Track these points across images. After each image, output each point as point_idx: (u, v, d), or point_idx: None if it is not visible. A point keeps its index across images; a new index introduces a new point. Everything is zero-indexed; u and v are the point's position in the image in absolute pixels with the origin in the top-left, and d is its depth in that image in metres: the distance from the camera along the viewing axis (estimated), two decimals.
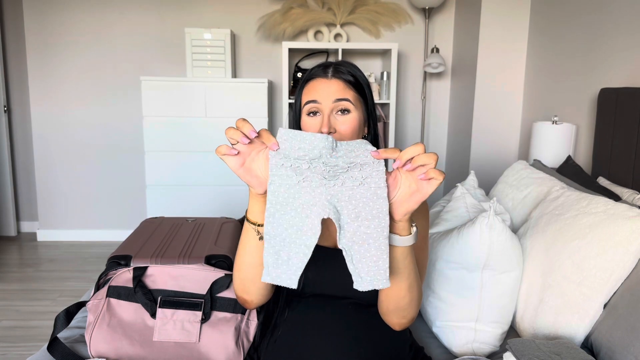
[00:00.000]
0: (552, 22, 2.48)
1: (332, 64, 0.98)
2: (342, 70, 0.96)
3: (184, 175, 3.04)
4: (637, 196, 1.38)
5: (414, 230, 0.80)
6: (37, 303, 2.53)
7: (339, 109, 0.94)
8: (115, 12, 3.30)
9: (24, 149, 3.61)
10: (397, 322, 0.92)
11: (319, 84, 0.95)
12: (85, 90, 3.38)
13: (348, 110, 0.94)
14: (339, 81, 0.95)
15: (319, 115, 0.94)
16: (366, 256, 0.74)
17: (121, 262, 1.41)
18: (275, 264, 0.75)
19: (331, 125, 0.93)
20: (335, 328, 0.96)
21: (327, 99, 0.93)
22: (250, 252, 0.88)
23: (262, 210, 0.83)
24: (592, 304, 1.13)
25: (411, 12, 3.33)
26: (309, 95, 0.95)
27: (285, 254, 0.75)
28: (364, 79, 0.99)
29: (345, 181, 0.75)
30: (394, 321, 0.93)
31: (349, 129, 0.94)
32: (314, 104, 0.94)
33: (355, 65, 1.01)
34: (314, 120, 0.95)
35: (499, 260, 1.23)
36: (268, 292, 0.95)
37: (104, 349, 1.11)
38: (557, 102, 2.41)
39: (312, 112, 0.95)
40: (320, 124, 0.93)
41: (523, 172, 1.68)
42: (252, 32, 3.33)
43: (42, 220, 3.53)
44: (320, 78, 0.96)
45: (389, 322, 0.94)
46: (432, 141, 3.51)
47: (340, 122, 0.94)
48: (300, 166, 0.75)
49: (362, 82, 0.98)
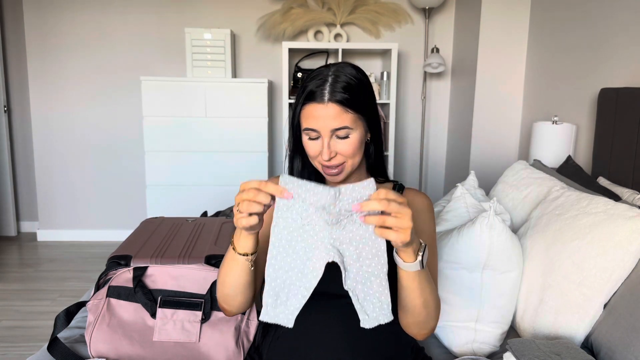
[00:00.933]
0: (552, 22, 2.48)
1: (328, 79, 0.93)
2: (337, 89, 0.92)
3: (184, 175, 3.04)
4: (637, 196, 1.38)
5: (419, 259, 0.80)
6: (37, 303, 2.53)
7: (338, 136, 0.94)
8: (116, 13, 3.30)
9: (24, 149, 3.61)
10: (417, 332, 0.94)
11: (315, 110, 0.93)
12: (86, 90, 3.38)
13: (347, 136, 0.94)
14: (335, 106, 0.92)
15: (319, 140, 0.95)
16: (369, 294, 0.78)
17: (121, 262, 1.41)
18: (274, 304, 0.78)
19: (331, 151, 0.94)
20: (337, 327, 0.96)
21: (325, 127, 0.93)
22: (234, 275, 0.90)
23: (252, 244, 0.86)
24: (592, 304, 1.13)
25: (411, 12, 3.33)
26: (307, 122, 0.94)
27: (285, 295, 0.78)
28: (362, 87, 0.96)
29: (347, 225, 0.77)
30: (414, 332, 0.94)
31: (349, 150, 0.95)
32: (312, 131, 0.94)
33: (354, 68, 0.97)
34: (315, 144, 0.96)
35: (499, 260, 1.23)
36: (248, 306, 0.97)
37: (104, 349, 1.11)
38: (557, 102, 2.41)
39: (312, 138, 0.96)
40: (321, 149, 0.94)
41: (523, 172, 1.68)
42: (252, 32, 3.33)
43: (42, 220, 3.53)
44: (316, 104, 0.93)
45: (410, 334, 0.96)
46: (432, 141, 3.51)
47: (341, 145, 0.95)
48: (308, 209, 0.76)
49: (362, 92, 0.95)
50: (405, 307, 0.88)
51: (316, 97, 0.93)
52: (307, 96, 0.95)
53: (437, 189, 3.55)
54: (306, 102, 0.95)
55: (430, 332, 0.95)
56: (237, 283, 0.90)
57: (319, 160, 0.97)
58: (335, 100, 0.92)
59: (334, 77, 0.93)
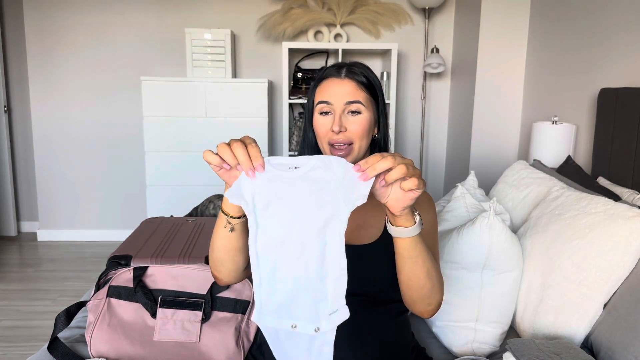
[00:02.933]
0: (552, 21, 2.48)
1: (345, 64, 1.01)
2: (355, 71, 0.98)
3: (184, 175, 3.04)
4: (637, 196, 1.38)
5: (417, 219, 0.80)
6: (37, 303, 2.53)
7: (350, 110, 0.96)
8: (115, 13, 3.30)
9: (24, 149, 3.61)
10: (424, 309, 0.92)
11: (332, 84, 0.98)
12: (86, 90, 3.38)
13: (359, 112, 0.96)
14: (352, 82, 0.97)
15: (331, 114, 0.97)
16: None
17: (121, 262, 1.41)
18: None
19: (342, 125, 0.95)
20: (341, 326, 0.96)
21: (339, 100, 0.96)
22: (221, 237, 0.88)
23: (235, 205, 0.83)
24: (592, 304, 1.13)
25: (411, 12, 3.33)
26: (322, 95, 0.98)
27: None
28: (376, 81, 1.02)
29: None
30: (421, 309, 0.92)
31: (359, 129, 0.96)
32: (326, 104, 0.97)
33: (368, 67, 1.03)
34: (326, 119, 0.98)
35: (499, 260, 1.23)
36: (239, 275, 0.95)
37: (104, 348, 1.11)
38: (557, 102, 2.41)
39: (324, 112, 0.98)
40: (332, 123, 0.96)
41: (523, 172, 1.68)
42: (252, 32, 3.33)
43: (42, 220, 3.53)
44: (333, 78, 0.98)
45: (417, 311, 0.93)
46: (432, 141, 3.51)
47: (351, 122, 0.96)
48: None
49: (375, 84, 1.01)
50: (410, 281, 0.87)
51: (333, 74, 0.99)
52: (323, 75, 1.01)
53: (437, 189, 3.55)
54: (322, 79, 1.00)
55: (437, 308, 0.93)
56: (224, 247, 0.88)
57: (329, 138, 0.97)
58: (352, 78, 0.97)
59: (350, 64, 1.01)
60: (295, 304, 0.75)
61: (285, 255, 0.75)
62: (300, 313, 0.75)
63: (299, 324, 0.75)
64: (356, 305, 0.98)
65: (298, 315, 0.75)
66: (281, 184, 0.75)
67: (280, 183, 0.75)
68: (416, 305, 0.92)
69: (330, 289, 0.75)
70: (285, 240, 0.75)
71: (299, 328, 0.75)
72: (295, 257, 0.74)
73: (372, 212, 1.04)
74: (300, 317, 0.75)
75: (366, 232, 1.02)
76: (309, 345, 0.76)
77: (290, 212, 0.75)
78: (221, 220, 0.87)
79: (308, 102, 1.03)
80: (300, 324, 0.75)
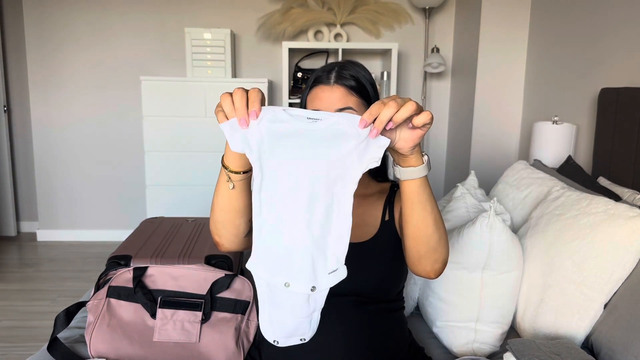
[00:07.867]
0: (552, 22, 2.48)
1: (335, 66, 0.99)
2: (344, 75, 0.97)
3: (184, 175, 3.04)
4: (637, 196, 1.38)
5: (425, 159, 0.79)
6: (37, 303, 2.53)
7: None
8: (116, 13, 3.30)
9: (24, 149, 3.60)
10: (431, 268, 0.87)
11: (321, 92, 0.97)
12: (85, 90, 3.38)
13: None
14: (341, 88, 0.96)
15: None
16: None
17: (121, 262, 1.41)
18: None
19: None
20: (336, 327, 0.96)
21: (329, 108, 0.95)
22: (222, 195, 0.87)
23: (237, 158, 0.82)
24: (592, 304, 1.13)
25: (411, 12, 3.33)
26: (312, 103, 0.98)
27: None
28: (368, 79, 1.00)
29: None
30: (427, 268, 0.87)
31: None
32: None
33: (360, 65, 1.01)
34: None
35: (499, 260, 1.23)
36: (240, 242, 0.93)
37: (104, 349, 1.11)
38: (558, 102, 2.41)
39: None
40: None
41: (523, 172, 1.68)
42: (252, 32, 3.33)
43: (42, 220, 3.53)
44: (322, 85, 0.97)
45: (423, 272, 0.88)
46: (432, 141, 3.51)
47: None
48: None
49: (366, 83, 0.99)
50: (418, 231, 0.83)
51: (322, 80, 0.98)
52: (314, 81, 1.00)
53: (437, 189, 3.55)
54: (313, 86, 0.99)
55: (444, 266, 0.88)
56: (225, 206, 0.87)
57: None
58: (341, 83, 0.96)
59: (340, 66, 1.00)
60: (293, 260, 0.72)
61: (291, 206, 0.72)
62: (297, 270, 0.72)
63: (293, 283, 0.72)
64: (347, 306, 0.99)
65: (294, 272, 0.72)
66: (294, 134, 0.73)
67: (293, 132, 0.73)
68: (422, 262, 0.87)
69: (331, 247, 0.72)
70: (294, 189, 0.72)
71: (292, 287, 0.72)
72: (302, 210, 0.71)
73: (368, 210, 1.04)
74: (295, 276, 0.72)
75: (362, 230, 1.02)
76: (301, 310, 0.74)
77: (303, 163, 0.72)
78: (222, 175, 0.85)
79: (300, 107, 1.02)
80: (294, 283, 0.72)
